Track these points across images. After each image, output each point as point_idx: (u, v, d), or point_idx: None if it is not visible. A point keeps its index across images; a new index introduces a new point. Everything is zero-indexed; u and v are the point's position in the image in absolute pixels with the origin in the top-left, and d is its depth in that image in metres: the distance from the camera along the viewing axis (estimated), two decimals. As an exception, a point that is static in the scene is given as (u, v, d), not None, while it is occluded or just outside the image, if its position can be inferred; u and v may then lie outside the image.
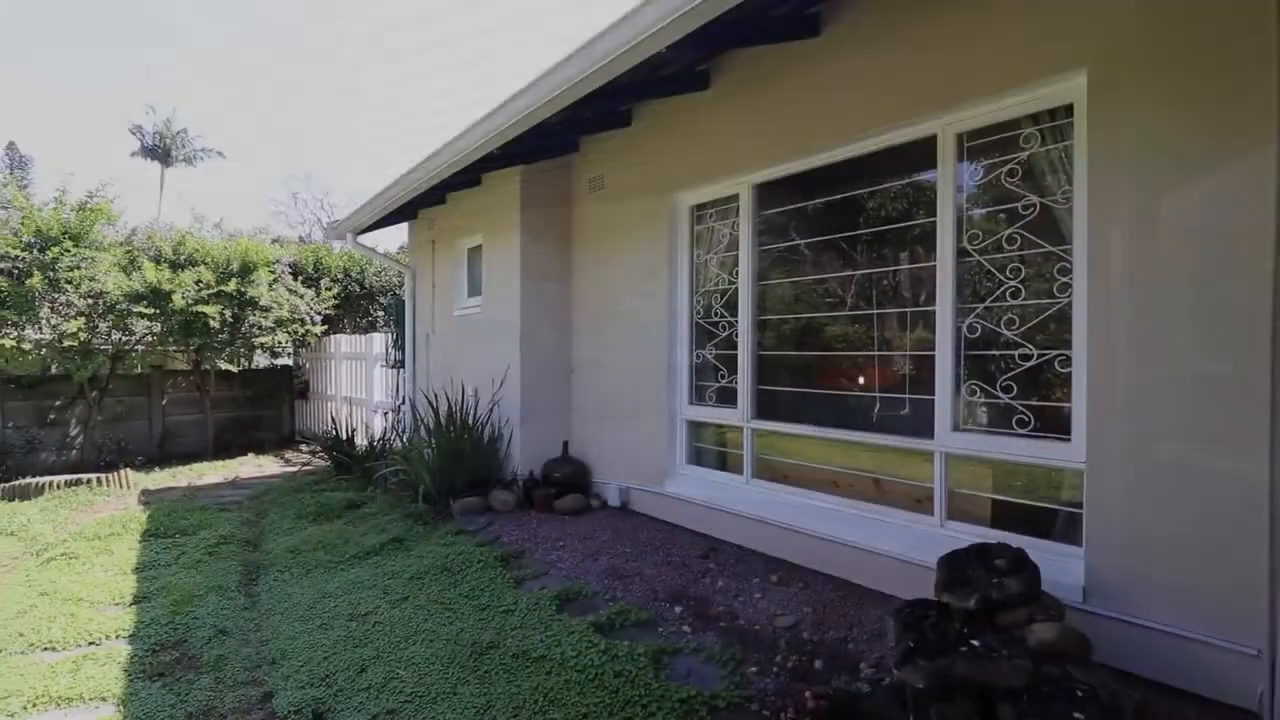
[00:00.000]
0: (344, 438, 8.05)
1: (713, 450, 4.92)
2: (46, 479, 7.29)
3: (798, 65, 3.99)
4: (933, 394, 3.45)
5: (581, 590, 3.63)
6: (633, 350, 5.32)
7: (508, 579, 3.82)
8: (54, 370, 8.61)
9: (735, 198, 4.60)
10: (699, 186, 4.80)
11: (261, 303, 9.40)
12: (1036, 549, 2.65)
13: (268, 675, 2.97)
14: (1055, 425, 3.01)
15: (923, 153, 3.54)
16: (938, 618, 2.45)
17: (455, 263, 7.20)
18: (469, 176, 5.99)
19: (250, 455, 9.73)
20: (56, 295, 7.99)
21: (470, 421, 5.84)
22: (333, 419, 9.28)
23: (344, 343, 10.27)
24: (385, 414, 8.75)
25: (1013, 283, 3.17)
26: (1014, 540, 2.77)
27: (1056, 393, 3.08)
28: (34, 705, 2.77)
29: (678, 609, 3.45)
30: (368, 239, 8.63)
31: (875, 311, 3.93)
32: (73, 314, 8.09)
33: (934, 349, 3.45)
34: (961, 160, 3.38)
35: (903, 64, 3.46)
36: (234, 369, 9.91)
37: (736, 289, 4.59)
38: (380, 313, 11.89)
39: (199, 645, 3.28)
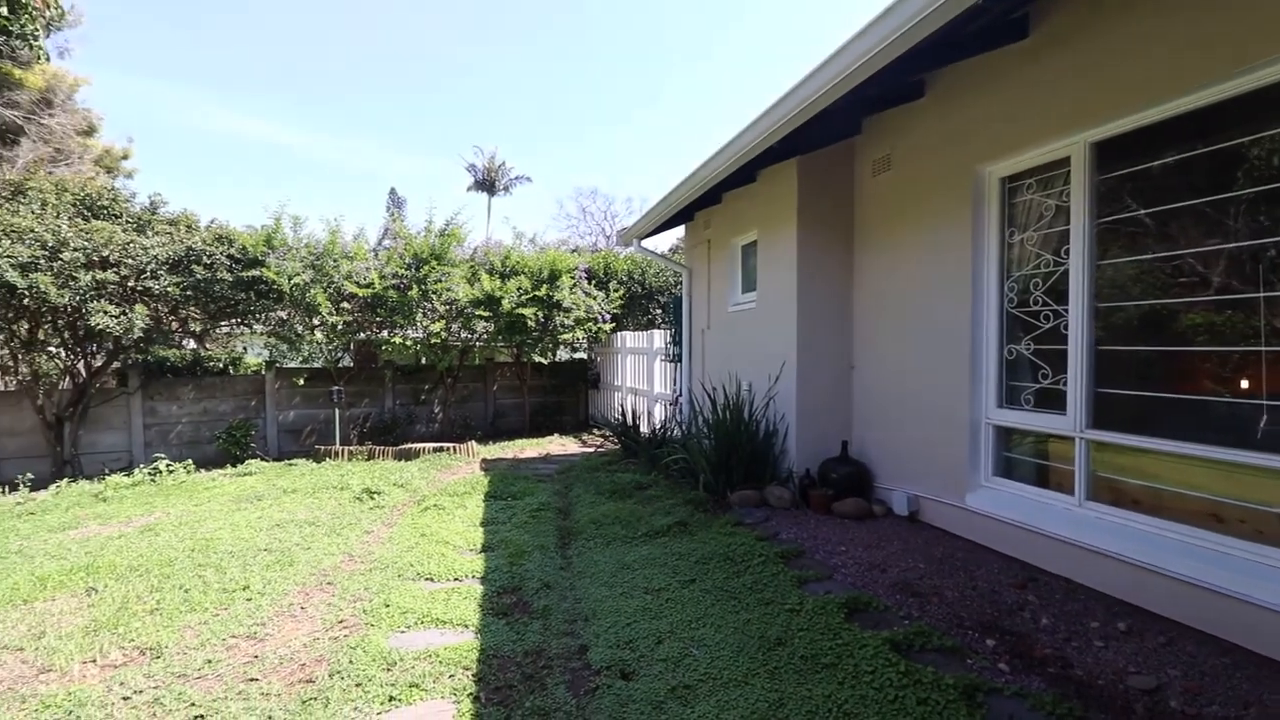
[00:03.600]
0: (630, 425, 8.84)
1: (1029, 462, 4.21)
2: (420, 445, 9.41)
3: (1164, -14, 3.17)
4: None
5: (871, 602, 3.41)
6: (926, 345, 4.83)
7: (790, 577, 3.77)
8: (423, 361, 11.05)
9: (1064, 162, 3.86)
10: (1012, 154, 4.14)
11: (564, 304, 10.85)
12: None
13: (582, 630, 3.38)
14: None
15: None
16: None
17: (729, 260, 7.37)
18: (745, 174, 6.07)
19: (555, 435, 11.29)
20: (426, 303, 10.24)
21: (745, 416, 5.92)
22: (621, 407, 10.29)
23: (628, 339, 11.28)
24: (664, 404, 9.40)
25: None
26: None
27: None
28: (421, 623, 3.56)
29: (989, 642, 3.03)
30: (649, 243, 9.35)
31: (1262, 295, 2.94)
32: (436, 317, 10.29)
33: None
34: None
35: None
36: (544, 361, 11.61)
37: (1064, 271, 3.85)
38: (659, 311, 12.80)
39: (530, 594, 3.89)
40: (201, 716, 2.70)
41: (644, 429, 9.13)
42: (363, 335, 10.50)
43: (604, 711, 2.62)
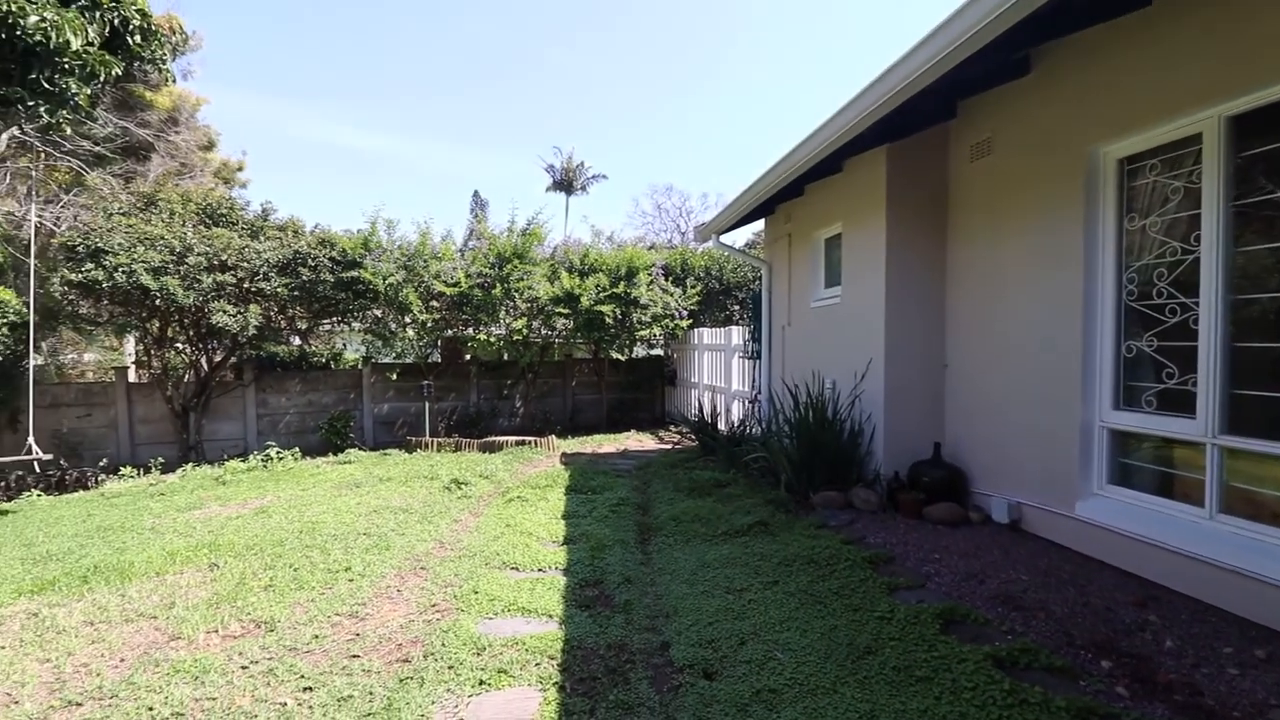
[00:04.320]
0: (708, 422, 8.78)
1: (1149, 469, 3.85)
2: (503, 438, 9.73)
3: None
4: None
5: (969, 614, 3.22)
6: (1029, 342, 4.52)
7: (879, 583, 3.62)
8: (505, 357, 11.41)
9: (1194, 140, 3.50)
10: (1132, 133, 3.80)
11: (642, 301, 10.91)
12: None
13: (664, 626, 3.38)
14: None
15: None
16: None
17: (812, 254, 7.16)
18: (829, 164, 5.87)
19: (632, 431, 11.38)
20: (508, 301, 10.56)
21: (829, 415, 5.74)
22: (698, 404, 10.24)
23: (705, 335, 11.20)
24: (743, 402, 9.27)
25: None
26: None
27: None
28: (508, 611, 3.66)
29: (1105, 663, 2.79)
30: (727, 238, 9.24)
31: None
32: (518, 315, 10.59)
33: None
34: None
35: None
36: (621, 358, 11.72)
37: (1193, 260, 3.49)
38: (736, 307, 12.64)
39: (612, 587, 3.92)
40: (310, 689, 2.89)
41: (722, 426, 9.04)
42: (450, 332, 10.96)
43: (687, 710, 2.61)
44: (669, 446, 9.63)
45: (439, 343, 11.67)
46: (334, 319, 10.78)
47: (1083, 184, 4.08)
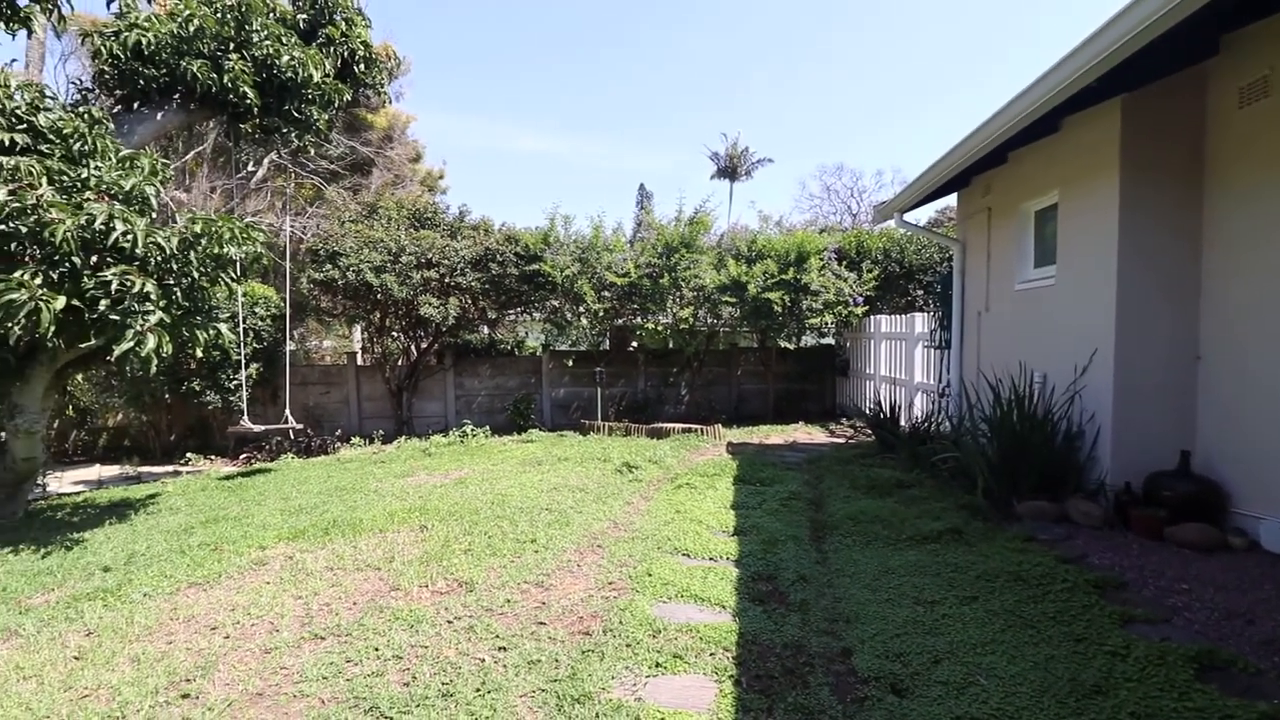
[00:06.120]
0: (887, 416, 8.18)
1: None
2: (670, 425, 9.88)
3: None
4: None
5: (1234, 660, 2.64)
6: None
7: (1109, 612, 3.10)
8: (671, 346, 11.56)
9: None
10: None
11: (812, 288, 10.44)
12: None
13: (844, 632, 3.18)
14: None
15: None
16: None
17: (1017, 229, 6.32)
18: (1043, 125, 5.10)
19: (800, 423, 10.98)
20: (675, 290, 10.67)
21: (1039, 413, 5.03)
22: (875, 397, 9.60)
23: (883, 323, 10.44)
24: (926, 396, 8.51)
25: None
26: None
27: None
28: (680, 596, 3.68)
29: None
30: (910, 216, 8.46)
31: None
32: (684, 303, 10.67)
33: None
34: None
35: None
36: (789, 347, 11.34)
37: None
38: (919, 292, 11.63)
39: (786, 584, 3.78)
40: (504, 649, 3.13)
41: (902, 422, 8.37)
42: (619, 321, 11.35)
43: (875, 726, 2.42)
44: (841, 441, 9.14)
45: (609, 331, 12.16)
46: (517, 309, 11.67)
47: None
